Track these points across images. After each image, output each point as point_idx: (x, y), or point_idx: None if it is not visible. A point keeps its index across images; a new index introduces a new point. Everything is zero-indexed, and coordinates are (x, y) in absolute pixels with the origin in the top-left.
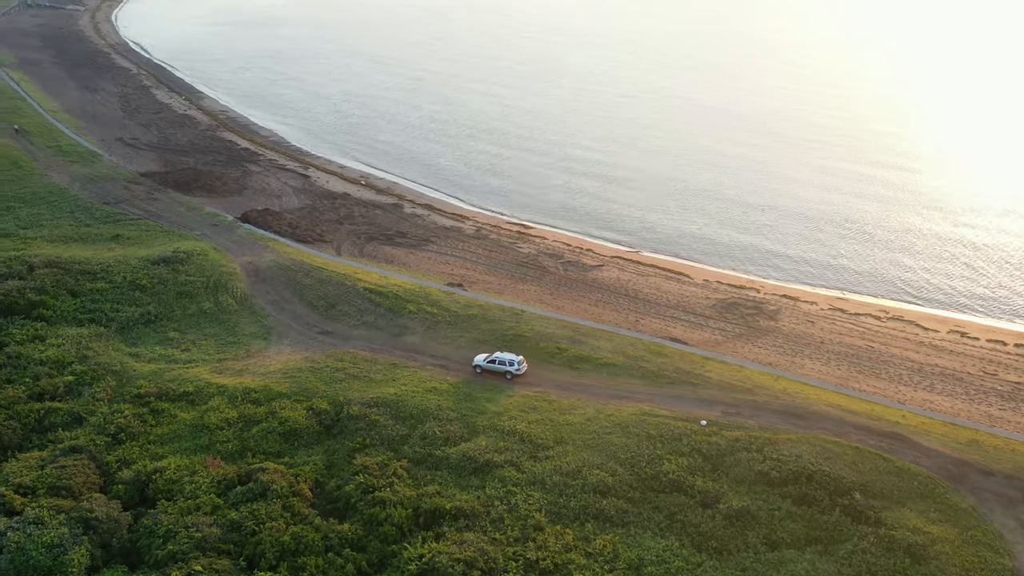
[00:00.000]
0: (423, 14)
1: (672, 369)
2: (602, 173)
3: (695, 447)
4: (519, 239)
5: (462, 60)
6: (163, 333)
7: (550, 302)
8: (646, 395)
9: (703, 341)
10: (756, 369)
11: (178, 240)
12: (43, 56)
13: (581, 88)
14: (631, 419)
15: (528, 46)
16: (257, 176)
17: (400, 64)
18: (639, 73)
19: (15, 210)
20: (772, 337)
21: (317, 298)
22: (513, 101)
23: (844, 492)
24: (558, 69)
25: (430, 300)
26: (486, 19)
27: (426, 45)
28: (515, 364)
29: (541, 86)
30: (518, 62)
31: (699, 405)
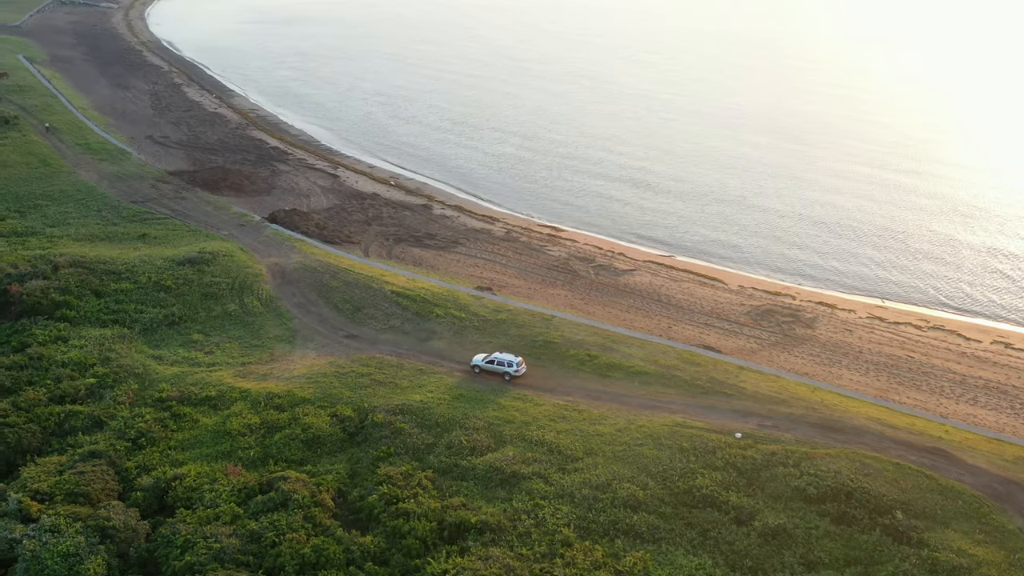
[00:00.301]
0: (456, 15)
1: (706, 379)
2: (634, 177)
3: (729, 461)
4: (550, 242)
5: (494, 62)
6: (187, 335)
7: (581, 307)
8: (679, 405)
9: (738, 349)
10: (792, 379)
11: (204, 240)
12: (75, 53)
13: (613, 92)
14: (663, 430)
15: (558, 49)
16: (286, 175)
17: (433, 64)
18: (670, 76)
19: (42, 208)
20: (809, 346)
21: (343, 301)
22: (545, 104)
23: (885, 511)
24: (588, 73)
25: (458, 304)
26: (518, 21)
27: (459, 46)
28: (514, 365)
29: (571, 89)
30: (547, 64)
31: (734, 417)
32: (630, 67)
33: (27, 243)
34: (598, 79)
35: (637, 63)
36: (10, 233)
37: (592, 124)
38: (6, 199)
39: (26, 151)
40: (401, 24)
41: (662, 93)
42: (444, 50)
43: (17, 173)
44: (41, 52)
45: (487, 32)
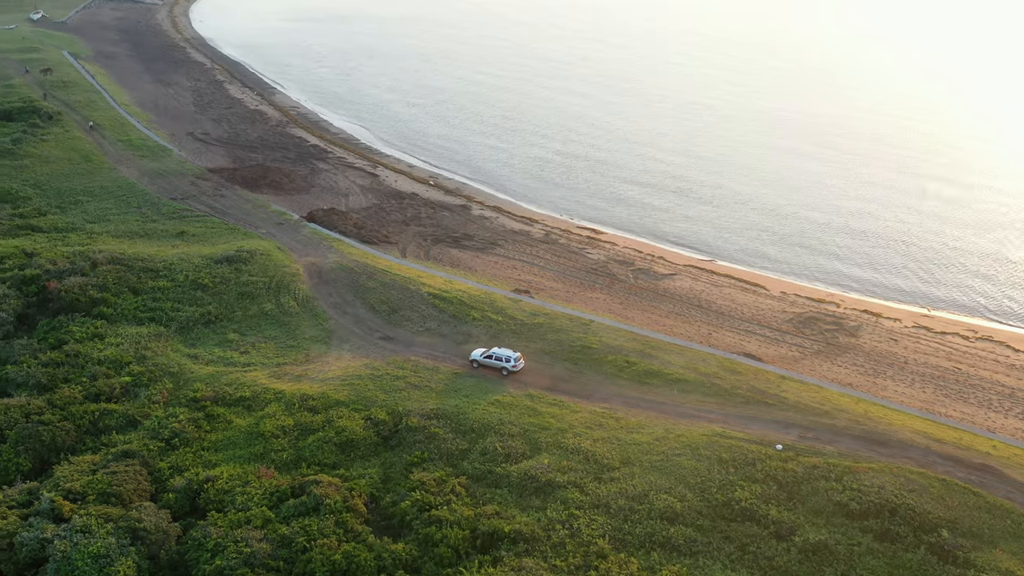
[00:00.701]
0: (497, 16)
1: (746, 388)
2: (675, 183)
3: (770, 473)
4: (589, 245)
5: (536, 64)
6: (223, 334)
7: (620, 312)
8: (718, 415)
9: (779, 358)
10: (835, 390)
11: (242, 238)
12: (119, 49)
13: (653, 95)
14: (702, 440)
15: (599, 52)
16: (325, 174)
17: (475, 65)
18: (707, 79)
19: (83, 204)
20: (852, 355)
21: (380, 302)
22: (586, 106)
23: (930, 529)
24: (629, 76)
25: (495, 307)
26: (559, 23)
27: (501, 47)
28: (511, 360)
29: (612, 93)
30: (588, 66)
31: (775, 427)
32: (670, 70)
33: (67, 239)
34: (638, 83)
35: (677, 66)
36: (51, 229)
37: (633, 128)
38: (48, 194)
39: (69, 147)
40: (444, 24)
41: (701, 98)
42: (486, 51)
43: (59, 169)
44: (86, 48)
45: (528, 34)
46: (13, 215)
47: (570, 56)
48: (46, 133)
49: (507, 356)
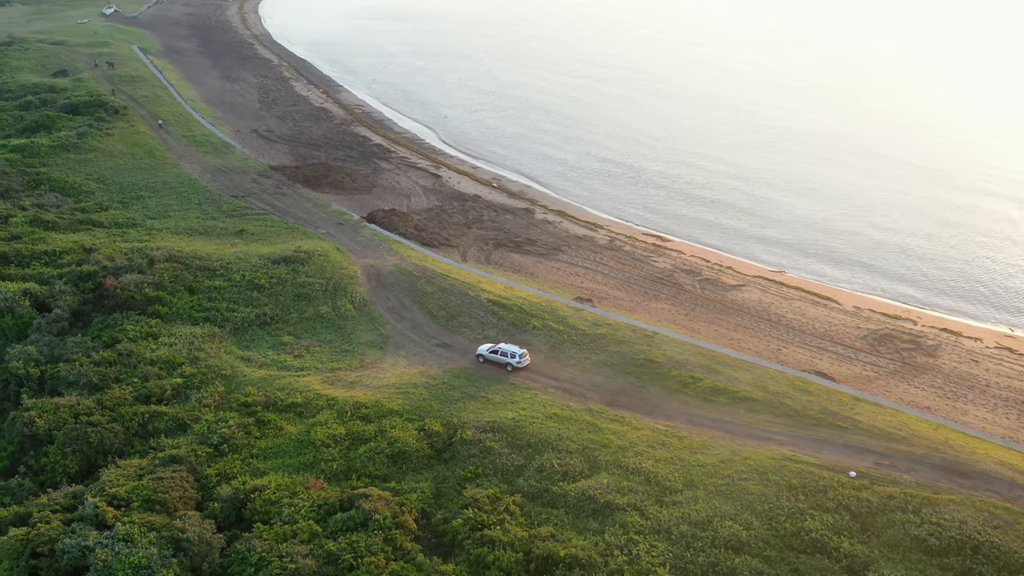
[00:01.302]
0: (576, 15)
1: (818, 409)
2: (747, 192)
3: (842, 502)
4: (654, 252)
5: (609, 64)
6: (277, 337)
7: (685, 324)
8: (788, 437)
9: (852, 377)
10: (913, 414)
11: (301, 238)
12: (188, 45)
13: (728, 105)
14: (770, 464)
15: (675, 56)
16: (388, 174)
17: (545, 65)
18: (789, 91)
19: (145, 200)
20: (930, 376)
21: (438, 308)
22: (659, 112)
23: (1016, 570)
24: (702, 84)
25: (556, 316)
26: (639, 24)
27: (574, 47)
28: (516, 356)
29: (687, 97)
30: (662, 68)
31: (848, 453)
32: (742, 81)
33: (126, 235)
34: (713, 93)
35: (747, 77)
36: (111, 224)
37: (707, 136)
38: (110, 189)
39: (133, 142)
40: (516, 22)
41: (768, 109)
42: (559, 49)
43: (123, 164)
44: (156, 43)
45: (603, 35)
46: (75, 209)
47: (641, 62)
48: (111, 127)
49: (512, 352)
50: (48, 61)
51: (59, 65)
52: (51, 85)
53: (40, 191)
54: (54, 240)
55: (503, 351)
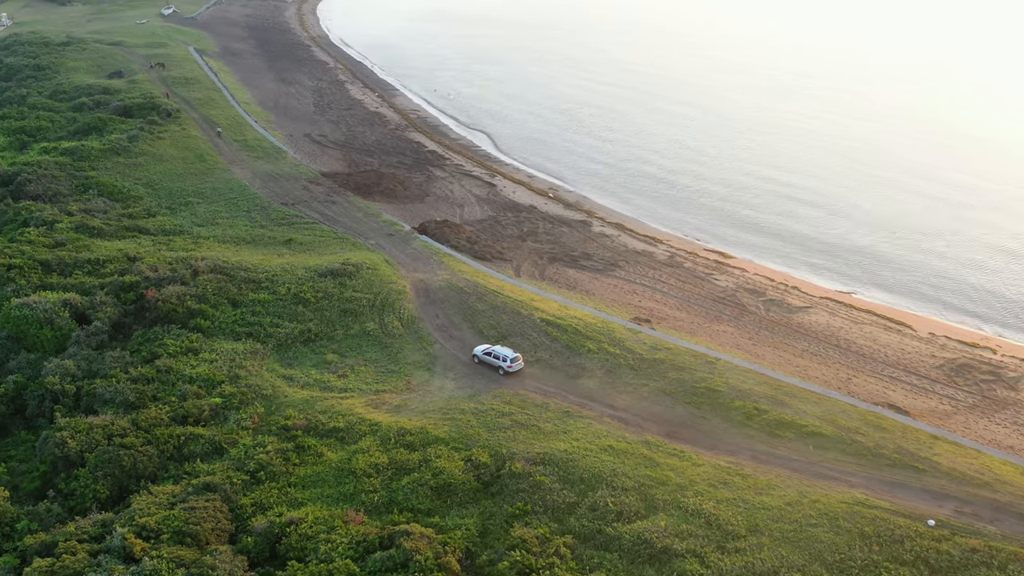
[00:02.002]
0: (652, 18)
1: (892, 447)
2: (816, 205)
3: (920, 555)
4: (716, 270)
5: (670, 73)
6: (321, 355)
7: (748, 349)
8: (860, 479)
9: (929, 411)
10: (996, 456)
11: (350, 249)
12: (245, 46)
13: (799, 112)
14: (841, 509)
15: (746, 63)
16: (441, 182)
17: (608, 72)
18: (866, 99)
19: (193, 206)
20: (1013, 412)
21: (489, 327)
22: (723, 121)
23: None
24: (772, 89)
25: (612, 338)
26: (707, 30)
27: (644, 54)
28: (507, 360)
29: (754, 105)
30: (730, 77)
31: (925, 498)
32: (799, 96)
33: (172, 243)
34: (769, 107)
35: (800, 90)
36: (158, 231)
37: (767, 154)
38: (159, 194)
39: (184, 146)
40: (583, 27)
41: (827, 126)
42: (625, 55)
43: (173, 168)
44: (212, 44)
45: (675, 43)
46: (122, 215)
47: (702, 72)
48: (163, 131)
49: (504, 355)
50: (104, 62)
51: (115, 66)
52: (105, 87)
53: (88, 196)
54: (98, 248)
55: (496, 354)
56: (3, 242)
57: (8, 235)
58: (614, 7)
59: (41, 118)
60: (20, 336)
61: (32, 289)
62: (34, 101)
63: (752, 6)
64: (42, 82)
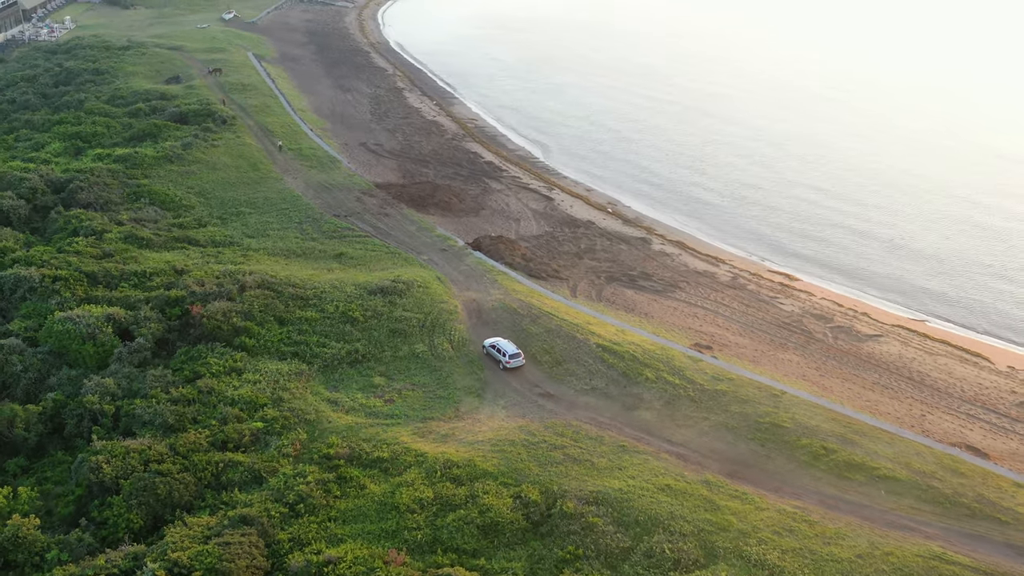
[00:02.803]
0: (723, 27)
1: (972, 495)
2: (883, 225)
3: None
4: (781, 293)
5: (743, 85)
6: (368, 378)
7: (815, 380)
8: (937, 529)
9: (1010, 455)
10: None
11: (402, 265)
12: (304, 52)
13: (875, 125)
14: (917, 564)
15: (812, 77)
16: (497, 195)
17: (670, 80)
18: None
19: (244, 216)
20: None
21: (543, 351)
22: (792, 131)
23: None
24: (840, 108)
25: (672, 367)
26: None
27: (706, 65)
28: (506, 355)
29: (829, 117)
30: (797, 91)
31: (1010, 554)
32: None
33: (221, 255)
34: (855, 114)
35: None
36: (208, 242)
37: (839, 170)
38: (210, 203)
39: (238, 154)
40: (653, 36)
41: (897, 142)
42: (691, 65)
43: (226, 177)
44: (271, 49)
45: (740, 52)
46: (172, 225)
47: (780, 81)
48: (217, 138)
49: (504, 350)
50: (163, 67)
51: (173, 71)
52: (162, 92)
53: (140, 204)
54: (146, 259)
55: (500, 348)
56: (51, 252)
57: (57, 244)
58: (678, 25)
59: (97, 123)
60: (62, 351)
61: (76, 302)
62: (91, 106)
63: (806, 29)
64: (100, 86)
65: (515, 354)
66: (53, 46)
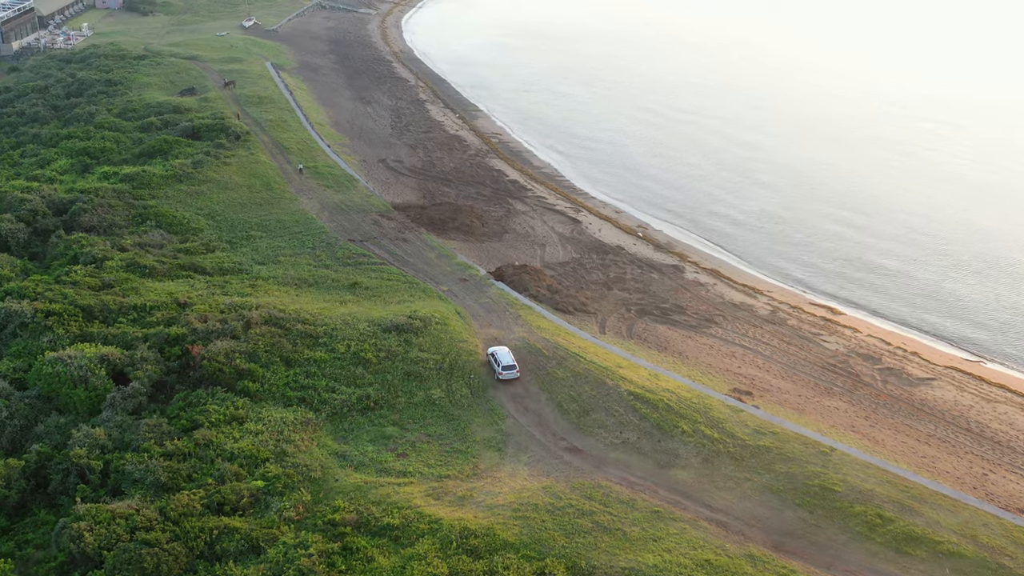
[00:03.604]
0: (759, 37)
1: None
2: (937, 253)
3: None
4: (824, 329)
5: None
6: (380, 427)
7: (865, 432)
8: None
9: None
10: None
11: (419, 298)
12: (324, 61)
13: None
14: None
15: (859, 95)
16: (521, 217)
17: (712, 97)
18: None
19: (255, 240)
20: None
21: (569, 399)
22: (835, 157)
23: None
24: (892, 131)
25: (710, 418)
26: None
27: (744, 80)
28: (499, 367)
29: (879, 138)
30: (839, 116)
31: None
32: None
33: (228, 285)
34: (888, 139)
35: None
36: (215, 270)
37: (889, 194)
38: (220, 226)
39: (250, 172)
40: (689, 44)
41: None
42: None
43: (237, 197)
44: (291, 58)
45: (781, 61)
46: (178, 250)
47: (824, 94)
48: (230, 156)
49: (500, 360)
50: (178, 78)
51: (188, 82)
52: (176, 105)
53: (145, 227)
54: (147, 291)
55: (496, 357)
56: (47, 282)
57: (55, 272)
58: (714, 35)
59: (106, 139)
60: (52, 395)
61: (70, 339)
62: (101, 120)
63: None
64: (113, 98)
65: (509, 366)
66: (68, 55)
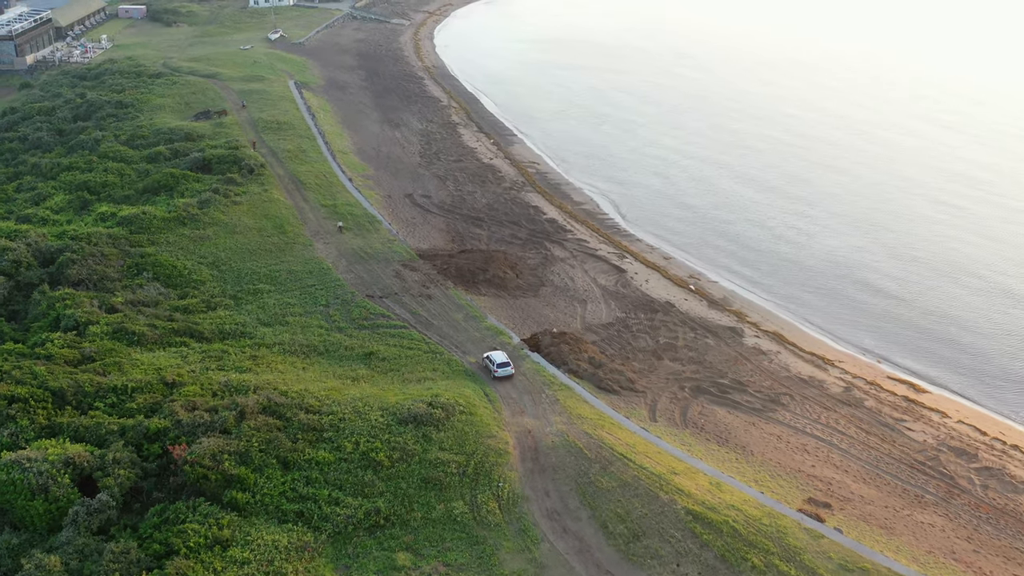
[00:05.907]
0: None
1: None
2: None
3: None
4: (908, 413)
5: (850, 132)
6: (390, 552)
7: (969, 562)
8: None
9: None
10: None
11: (443, 373)
12: (352, 78)
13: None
14: None
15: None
16: (560, 265)
17: (762, 120)
18: None
19: (262, 296)
20: None
21: (615, 518)
22: (917, 195)
23: None
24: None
25: (784, 547)
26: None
27: (804, 97)
28: (493, 366)
29: (946, 187)
30: (911, 147)
31: None
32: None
33: (225, 357)
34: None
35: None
36: (214, 334)
37: (986, 246)
38: (224, 277)
39: (262, 212)
40: (742, 63)
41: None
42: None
43: (246, 242)
44: (317, 75)
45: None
46: (175, 309)
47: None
48: (240, 192)
49: (495, 359)
50: (193, 99)
51: (204, 104)
52: (188, 131)
53: (140, 280)
54: (133, 365)
55: (491, 358)
56: (20, 353)
57: (32, 340)
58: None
59: (109, 171)
60: (5, 507)
61: (35, 432)
62: (107, 148)
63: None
64: (122, 122)
65: (503, 363)
66: (83, 70)
